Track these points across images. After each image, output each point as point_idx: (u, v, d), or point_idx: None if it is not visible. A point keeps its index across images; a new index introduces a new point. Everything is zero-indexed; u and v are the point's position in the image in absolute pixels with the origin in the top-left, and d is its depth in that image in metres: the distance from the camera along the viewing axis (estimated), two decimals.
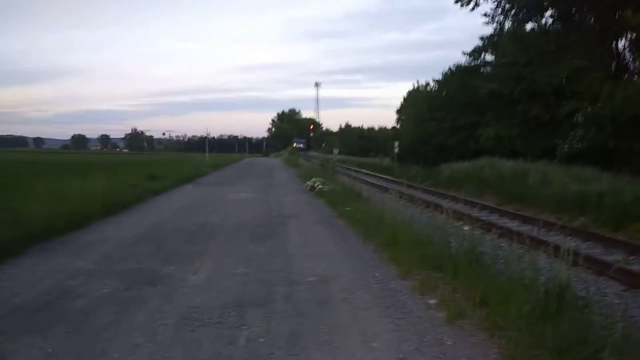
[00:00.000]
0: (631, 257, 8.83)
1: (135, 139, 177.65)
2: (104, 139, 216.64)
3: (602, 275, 7.33)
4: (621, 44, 25.50)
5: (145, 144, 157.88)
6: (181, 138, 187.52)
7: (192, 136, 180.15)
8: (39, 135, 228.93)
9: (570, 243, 8.43)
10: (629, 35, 24.01)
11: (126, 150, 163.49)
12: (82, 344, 3.95)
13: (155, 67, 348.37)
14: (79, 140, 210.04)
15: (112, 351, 3.82)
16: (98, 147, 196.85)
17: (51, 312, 4.68)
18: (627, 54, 25.39)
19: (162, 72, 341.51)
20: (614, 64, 25.47)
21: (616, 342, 3.30)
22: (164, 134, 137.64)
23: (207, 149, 62.32)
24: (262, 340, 4.07)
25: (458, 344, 3.97)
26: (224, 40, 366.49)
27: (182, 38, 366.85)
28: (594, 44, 24.07)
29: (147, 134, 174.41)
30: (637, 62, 15.61)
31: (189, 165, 29.51)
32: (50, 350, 3.82)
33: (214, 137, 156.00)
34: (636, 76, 19.85)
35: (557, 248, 4.97)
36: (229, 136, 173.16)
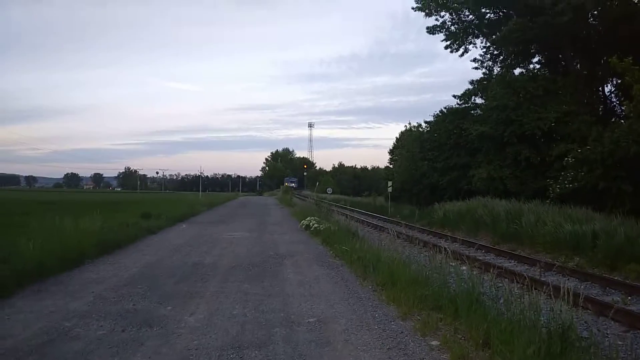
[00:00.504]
0: (629, 298, 8.85)
1: (129, 177, 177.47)
2: (97, 177, 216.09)
3: (602, 315, 7.30)
4: (607, 88, 26.36)
5: (139, 182, 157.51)
6: (174, 177, 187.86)
7: (186, 175, 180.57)
8: (31, 174, 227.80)
9: (568, 283, 8.46)
10: (614, 81, 24.83)
11: (119, 189, 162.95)
12: None
13: (150, 107, 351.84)
14: (72, 179, 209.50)
15: None
16: (91, 186, 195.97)
17: (45, 354, 4.58)
18: (614, 98, 26.20)
19: (157, 112, 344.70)
20: (601, 107, 26.19)
21: None
22: (157, 172, 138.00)
23: (200, 188, 62.44)
24: None
25: None
26: (219, 81, 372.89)
27: (177, 79, 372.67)
28: (581, 88, 24.81)
29: (141, 172, 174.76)
30: (624, 106, 16.02)
31: (183, 204, 29.43)
32: None
33: (207, 176, 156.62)
34: (623, 120, 20.32)
35: (556, 288, 4.98)
36: (223, 175, 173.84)
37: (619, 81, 23.02)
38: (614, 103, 26.32)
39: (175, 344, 4.90)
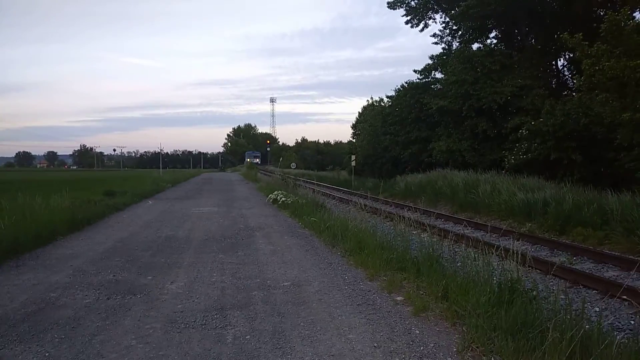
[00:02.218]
0: (574, 258, 9.71)
1: (84, 155, 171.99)
2: (51, 156, 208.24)
3: (548, 274, 8.06)
4: (560, 62, 27.52)
5: (95, 160, 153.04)
6: (133, 154, 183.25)
7: (145, 152, 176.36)
8: None
9: (520, 247, 9.18)
10: (567, 55, 25.94)
11: (74, 167, 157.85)
12: (78, 347, 4.18)
13: (107, 83, 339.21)
14: (24, 158, 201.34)
15: (108, 352, 4.08)
16: (44, 165, 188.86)
17: (38, 321, 4.84)
18: (566, 72, 27.40)
19: (115, 88, 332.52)
20: (554, 81, 27.36)
21: (559, 322, 3.86)
22: (114, 150, 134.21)
23: (160, 165, 61.48)
24: (248, 337, 4.41)
25: (425, 333, 4.46)
26: (179, 56, 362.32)
27: (135, 54, 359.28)
28: (536, 62, 25.82)
29: (97, 150, 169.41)
30: (575, 80, 16.91)
31: (146, 181, 29.17)
32: (47, 354, 4.02)
33: (167, 153, 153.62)
34: (575, 93, 21.38)
35: (507, 250, 5.58)
36: (184, 151, 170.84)
37: (571, 56, 24.10)
38: (566, 77, 27.53)
39: (161, 308, 5.25)
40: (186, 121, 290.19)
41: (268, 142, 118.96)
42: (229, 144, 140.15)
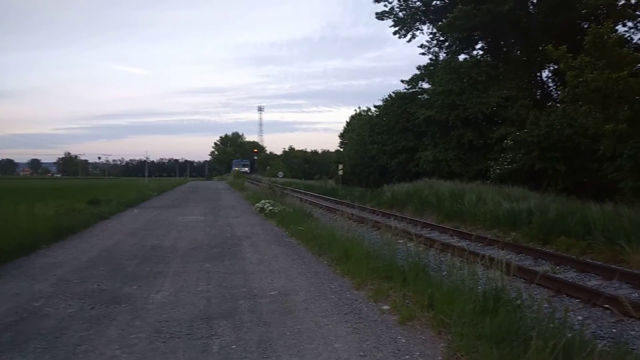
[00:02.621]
0: (558, 267, 9.82)
1: (69, 163, 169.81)
2: (35, 163, 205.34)
3: (532, 283, 8.14)
4: (545, 74, 28.00)
5: (80, 168, 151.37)
6: (118, 162, 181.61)
7: (131, 160, 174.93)
8: None
9: (505, 256, 9.29)
10: (551, 67, 26.41)
11: (59, 175, 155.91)
12: (61, 357, 4.12)
13: (94, 91, 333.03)
14: (7, 165, 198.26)
15: None
16: (28, 173, 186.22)
17: (21, 331, 4.77)
18: (551, 83, 27.89)
19: (101, 95, 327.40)
20: (539, 92, 27.81)
21: (542, 330, 3.91)
22: (99, 158, 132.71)
23: (146, 173, 61.06)
24: (234, 347, 4.39)
25: (411, 341, 4.48)
26: (167, 64, 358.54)
27: (124, 62, 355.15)
28: (521, 74, 26.24)
29: (82, 158, 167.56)
30: (559, 91, 17.22)
31: (131, 190, 28.94)
32: None
33: (153, 161, 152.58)
34: (559, 104, 21.76)
35: (492, 259, 5.65)
36: (170, 160, 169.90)
37: (555, 67, 24.53)
38: (551, 88, 28.03)
39: (146, 318, 5.21)
40: (173, 129, 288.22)
41: (255, 150, 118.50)
42: (216, 152, 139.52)
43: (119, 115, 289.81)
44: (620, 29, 20.93)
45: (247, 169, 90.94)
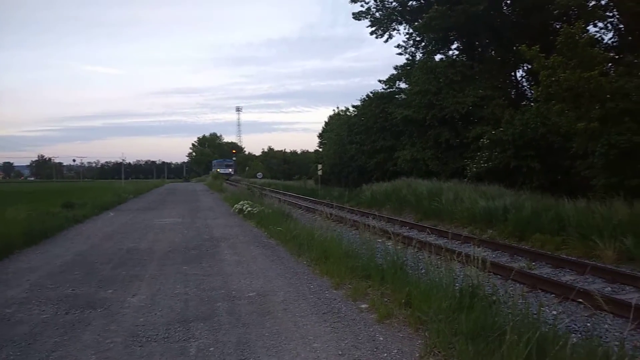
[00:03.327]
0: (533, 263, 10.00)
1: (43, 166, 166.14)
2: (7, 166, 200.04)
3: (508, 279, 8.27)
4: (519, 73, 28.50)
5: (54, 171, 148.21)
6: (94, 164, 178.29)
7: (106, 162, 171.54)
8: None
9: (481, 253, 9.43)
10: (525, 67, 26.88)
11: (32, 179, 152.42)
12: None
13: (68, 92, 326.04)
14: None
15: None
16: (0, 176, 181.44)
17: None
18: (525, 83, 28.39)
19: (76, 96, 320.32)
20: (513, 92, 28.28)
21: (516, 325, 3.97)
22: (74, 160, 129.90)
23: (122, 175, 60.04)
24: (212, 349, 4.36)
25: (389, 339, 4.51)
26: (144, 64, 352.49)
27: (99, 62, 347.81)
28: (496, 73, 26.65)
29: (56, 160, 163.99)
30: (533, 91, 17.57)
31: (107, 192, 28.46)
32: None
33: (129, 163, 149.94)
34: (533, 103, 22.16)
35: (468, 257, 5.72)
36: (147, 161, 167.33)
37: (529, 67, 24.99)
38: (525, 88, 28.53)
39: (122, 322, 5.12)
40: (150, 130, 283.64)
41: (234, 151, 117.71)
42: (194, 153, 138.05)
43: (93, 117, 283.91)
44: (592, 29, 21.42)
45: (230, 170, 70.22)
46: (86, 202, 20.12)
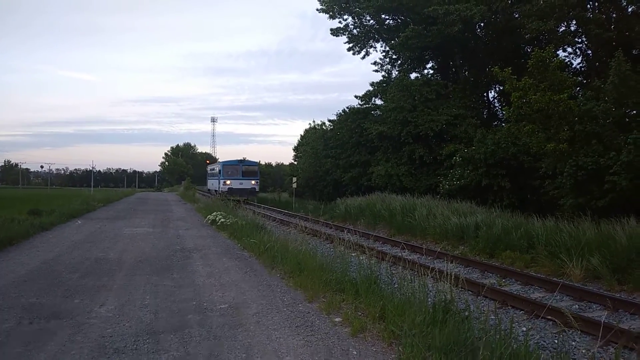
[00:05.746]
0: (504, 280, 10.15)
1: (9, 172, 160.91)
2: None
3: (479, 295, 8.37)
4: (491, 94, 29.26)
5: (21, 177, 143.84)
6: (62, 171, 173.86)
7: (75, 169, 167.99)
8: None
9: (453, 269, 9.53)
10: (497, 87, 27.62)
11: None
12: None
13: (35, 96, 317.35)
14: None
15: None
16: None
17: None
18: (497, 103, 29.14)
19: (46, 102, 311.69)
20: (485, 111, 28.97)
21: (489, 341, 4.01)
22: (42, 166, 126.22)
23: (92, 183, 58.75)
24: None
25: (362, 353, 4.49)
26: (119, 71, 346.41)
27: (72, 67, 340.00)
28: (469, 93, 27.28)
29: (23, 166, 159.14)
30: (504, 111, 18.04)
31: (75, 200, 27.72)
32: None
33: (100, 171, 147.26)
34: (504, 123, 22.71)
35: (441, 272, 5.77)
36: (118, 170, 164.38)
37: (501, 88, 25.68)
38: (497, 108, 29.29)
39: (88, 333, 4.96)
40: (122, 138, 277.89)
41: (208, 162, 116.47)
42: (167, 163, 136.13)
43: (64, 123, 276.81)
44: (561, 54, 22.22)
45: (253, 182, 38.14)
46: (53, 210, 19.53)
